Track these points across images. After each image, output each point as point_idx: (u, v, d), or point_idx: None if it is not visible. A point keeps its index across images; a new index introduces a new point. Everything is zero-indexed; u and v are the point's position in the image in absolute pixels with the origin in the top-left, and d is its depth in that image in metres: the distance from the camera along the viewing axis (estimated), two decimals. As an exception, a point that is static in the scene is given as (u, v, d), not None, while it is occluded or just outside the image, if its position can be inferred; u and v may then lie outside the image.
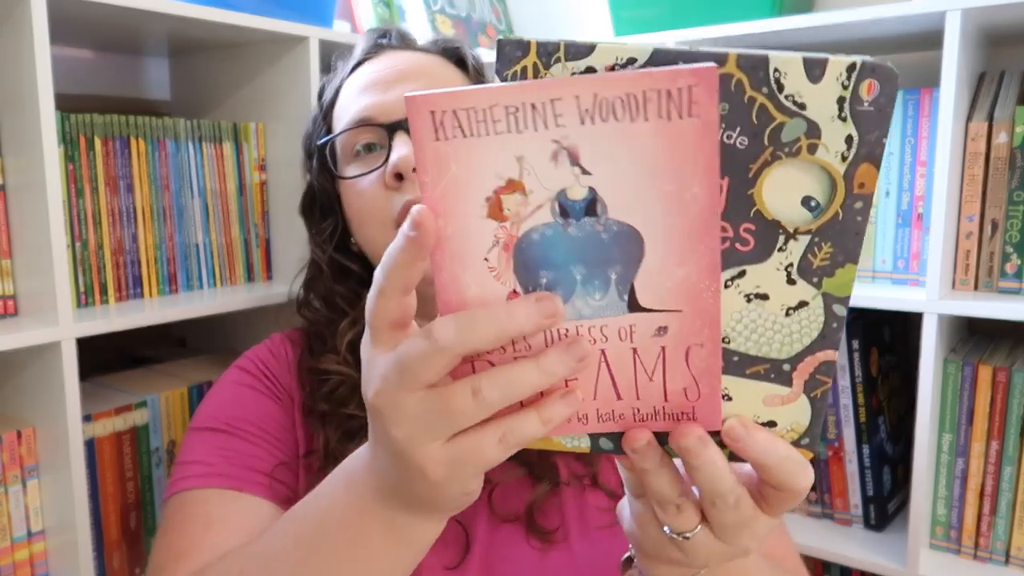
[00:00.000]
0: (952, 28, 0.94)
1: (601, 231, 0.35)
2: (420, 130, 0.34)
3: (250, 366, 0.77)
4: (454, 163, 0.34)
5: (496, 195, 0.35)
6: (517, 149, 0.34)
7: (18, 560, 0.84)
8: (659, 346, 0.37)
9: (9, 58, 0.80)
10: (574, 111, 0.33)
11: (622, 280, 0.36)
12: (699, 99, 0.32)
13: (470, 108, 0.33)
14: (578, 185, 0.34)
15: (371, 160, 0.73)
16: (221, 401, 0.74)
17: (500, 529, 0.68)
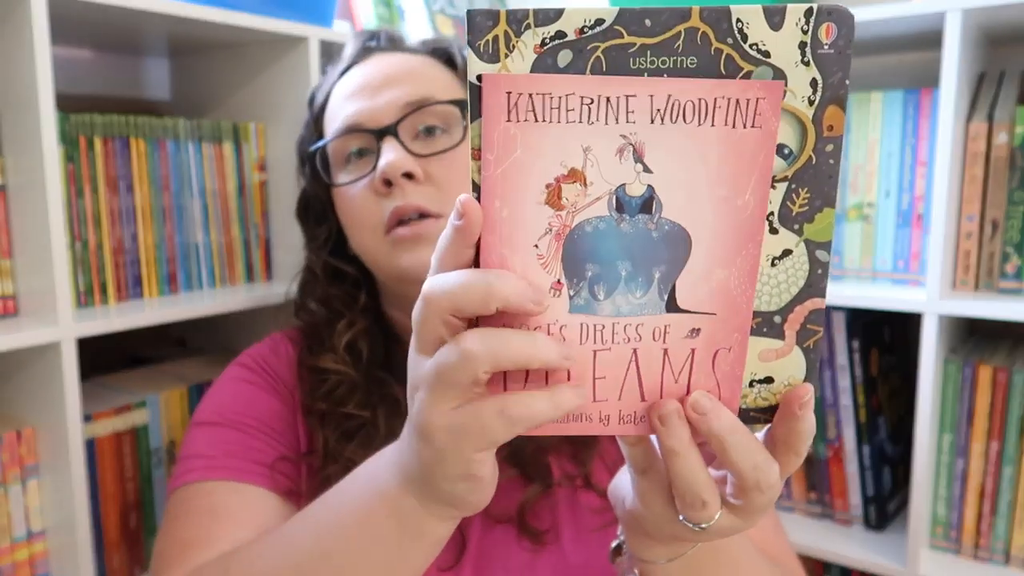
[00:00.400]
0: (952, 28, 0.94)
1: (652, 230, 0.36)
2: (493, 108, 0.34)
3: (251, 363, 0.78)
4: (521, 146, 0.35)
5: (557, 183, 0.35)
6: (585, 140, 0.35)
7: (18, 560, 0.84)
8: (690, 348, 0.38)
9: (9, 58, 0.80)
10: (647, 109, 0.34)
11: (665, 280, 0.37)
12: (764, 111, 0.34)
13: (547, 93, 0.34)
14: (638, 182, 0.35)
15: (361, 166, 0.73)
16: (222, 397, 0.75)
17: (493, 530, 0.68)
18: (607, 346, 0.38)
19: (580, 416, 0.39)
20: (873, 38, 1.12)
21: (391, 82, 0.73)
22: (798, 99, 0.35)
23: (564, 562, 0.67)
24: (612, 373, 0.38)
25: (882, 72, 1.25)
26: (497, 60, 0.34)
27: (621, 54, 0.34)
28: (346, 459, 0.70)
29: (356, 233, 0.74)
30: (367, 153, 0.73)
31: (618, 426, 0.39)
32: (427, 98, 0.71)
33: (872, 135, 1.10)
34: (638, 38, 0.34)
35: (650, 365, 0.38)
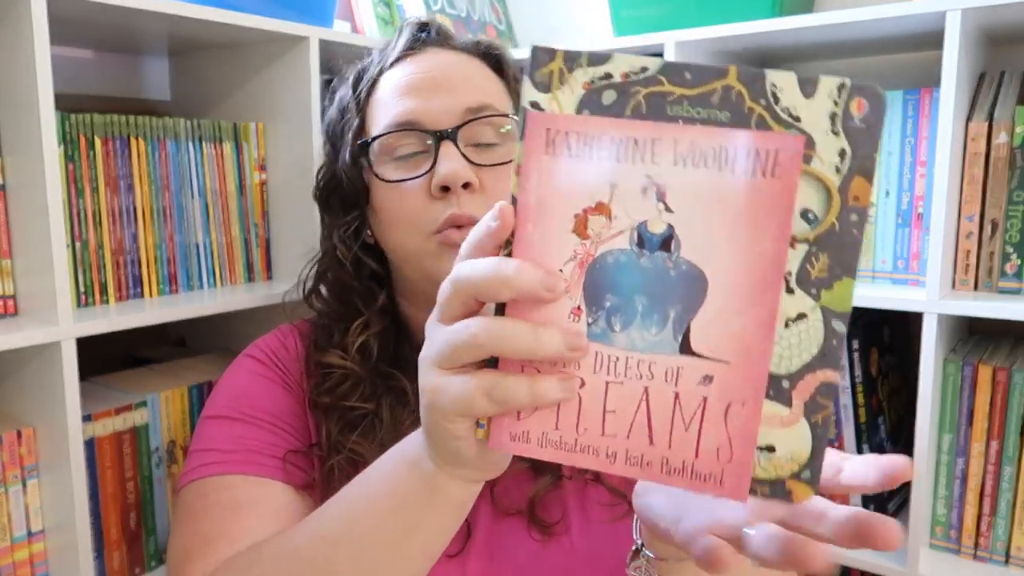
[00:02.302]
0: (952, 28, 0.94)
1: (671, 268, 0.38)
2: (533, 141, 0.38)
3: (261, 355, 0.78)
4: (555, 177, 0.38)
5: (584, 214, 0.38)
6: (613, 176, 0.38)
7: (18, 560, 0.84)
8: (701, 396, 0.38)
9: (9, 58, 0.80)
10: (671, 153, 0.37)
11: (680, 320, 0.38)
12: (784, 163, 0.36)
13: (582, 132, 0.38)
14: (659, 220, 0.38)
15: (412, 165, 0.71)
16: (234, 390, 0.75)
17: (502, 521, 0.69)
18: (619, 379, 0.39)
19: (587, 448, 0.39)
20: (873, 38, 1.12)
21: (449, 84, 0.72)
22: (825, 165, 0.36)
23: (572, 553, 0.68)
24: (623, 408, 0.39)
25: (882, 72, 1.25)
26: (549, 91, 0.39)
27: (660, 100, 0.37)
28: (349, 450, 0.70)
29: (398, 230, 0.72)
30: (418, 153, 0.71)
31: (624, 466, 0.39)
32: (486, 107, 0.71)
33: (872, 135, 1.10)
34: (677, 88, 0.37)
35: (661, 407, 0.39)
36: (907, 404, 1.22)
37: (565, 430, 0.40)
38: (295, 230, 1.10)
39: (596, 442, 0.39)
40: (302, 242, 1.09)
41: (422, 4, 1.35)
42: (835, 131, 0.36)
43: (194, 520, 0.66)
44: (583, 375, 0.39)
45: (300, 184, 1.08)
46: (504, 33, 1.53)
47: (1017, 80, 1.03)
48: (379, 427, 0.71)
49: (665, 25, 1.16)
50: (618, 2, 1.27)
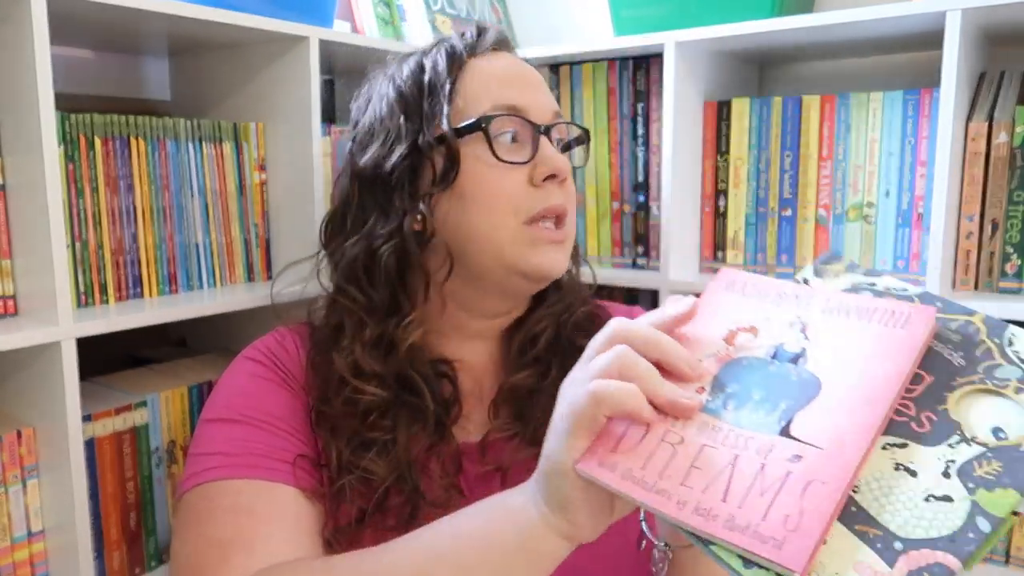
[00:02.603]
0: (952, 28, 0.94)
1: (792, 374, 0.45)
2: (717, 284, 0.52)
3: (260, 356, 0.76)
4: (724, 304, 0.51)
5: (737, 330, 0.49)
6: (768, 312, 0.49)
7: (18, 560, 0.84)
8: (786, 470, 0.41)
9: (9, 58, 0.80)
10: (820, 306, 0.48)
11: (788, 411, 0.43)
12: (914, 322, 0.45)
13: (757, 285, 0.51)
14: (796, 344, 0.47)
15: (513, 150, 0.72)
16: (235, 392, 0.73)
17: None
18: (716, 445, 0.43)
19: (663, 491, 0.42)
20: (873, 38, 1.12)
21: (540, 85, 0.77)
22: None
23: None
24: (708, 468, 0.42)
25: (882, 72, 1.25)
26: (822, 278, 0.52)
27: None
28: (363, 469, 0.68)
29: (492, 212, 0.70)
30: (518, 139, 0.73)
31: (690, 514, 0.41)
32: (560, 113, 0.77)
33: (872, 135, 1.10)
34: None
35: (744, 474, 0.42)
36: (907, 404, 1.22)
37: (649, 471, 0.43)
38: (295, 230, 1.10)
39: (672, 488, 0.42)
40: (302, 242, 1.09)
41: (422, 4, 1.35)
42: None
43: (202, 525, 0.64)
44: (685, 434, 0.44)
45: (300, 184, 1.08)
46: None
47: (1017, 80, 1.03)
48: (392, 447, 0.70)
49: (665, 25, 1.16)
50: (618, 2, 1.27)
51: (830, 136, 1.13)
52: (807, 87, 1.32)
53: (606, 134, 1.30)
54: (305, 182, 1.07)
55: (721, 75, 1.26)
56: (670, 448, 0.43)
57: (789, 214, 1.17)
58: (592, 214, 1.33)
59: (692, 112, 1.20)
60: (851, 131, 1.11)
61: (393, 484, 0.69)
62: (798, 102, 1.14)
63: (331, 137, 1.14)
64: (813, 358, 0.45)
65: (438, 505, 0.68)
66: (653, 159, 1.26)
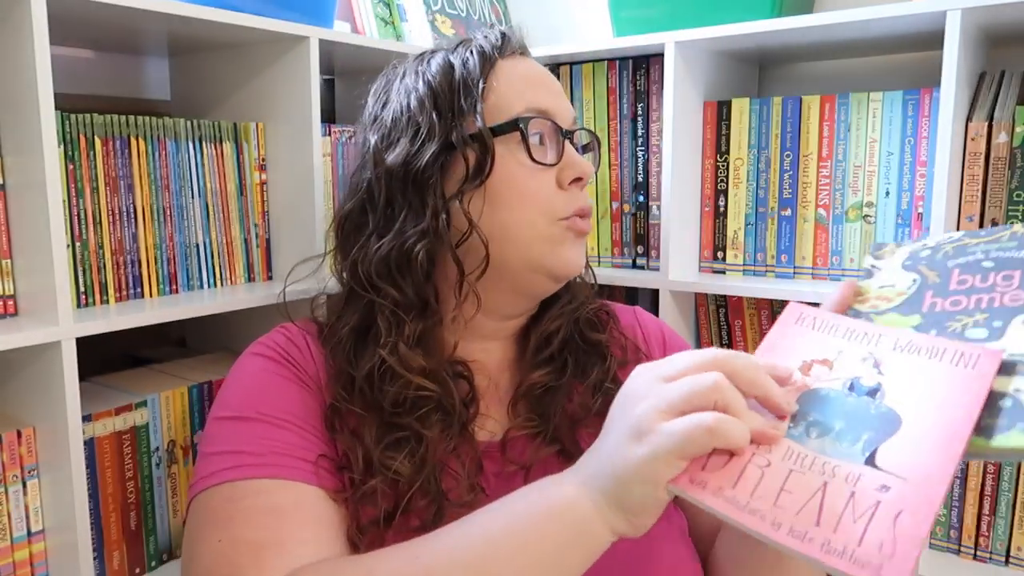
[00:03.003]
0: (952, 28, 0.94)
1: (871, 407, 0.47)
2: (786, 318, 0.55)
3: (271, 352, 0.74)
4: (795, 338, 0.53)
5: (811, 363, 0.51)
6: (840, 347, 0.51)
7: (18, 560, 0.84)
8: (876, 500, 0.42)
9: (9, 58, 0.80)
10: (891, 344, 0.50)
11: (871, 442, 0.45)
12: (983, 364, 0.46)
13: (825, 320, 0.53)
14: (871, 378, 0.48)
15: (541, 152, 0.74)
16: (248, 389, 0.71)
17: None
18: (803, 471, 0.45)
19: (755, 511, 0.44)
20: (873, 38, 1.12)
21: (560, 91, 0.78)
22: None
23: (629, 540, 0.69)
24: (799, 492, 0.44)
25: (882, 72, 1.25)
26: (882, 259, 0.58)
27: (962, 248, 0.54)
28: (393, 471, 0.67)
29: (525, 211, 0.72)
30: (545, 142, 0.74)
31: (785, 535, 0.43)
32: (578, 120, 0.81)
33: (872, 135, 1.10)
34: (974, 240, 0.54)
35: (835, 500, 0.43)
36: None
37: (740, 491, 0.44)
38: (295, 230, 1.10)
39: (765, 508, 0.44)
40: (302, 242, 1.09)
41: (422, 4, 1.35)
42: None
43: (230, 526, 0.61)
44: (772, 458, 0.46)
45: (300, 184, 1.08)
46: (504, 33, 1.53)
47: (1017, 80, 1.03)
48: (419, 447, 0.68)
49: (665, 25, 1.16)
50: (618, 2, 1.27)
51: (830, 136, 1.13)
52: (807, 87, 1.32)
53: (606, 134, 1.30)
54: (305, 182, 1.08)
55: (721, 75, 1.26)
56: (758, 471, 0.45)
57: (789, 214, 1.17)
58: (592, 214, 1.33)
59: (692, 112, 1.20)
60: (851, 131, 1.11)
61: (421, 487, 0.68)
62: (798, 102, 1.14)
63: (331, 137, 1.14)
64: (889, 393, 0.47)
65: (462, 505, 0.67)
66: (653, 159, 1.26)
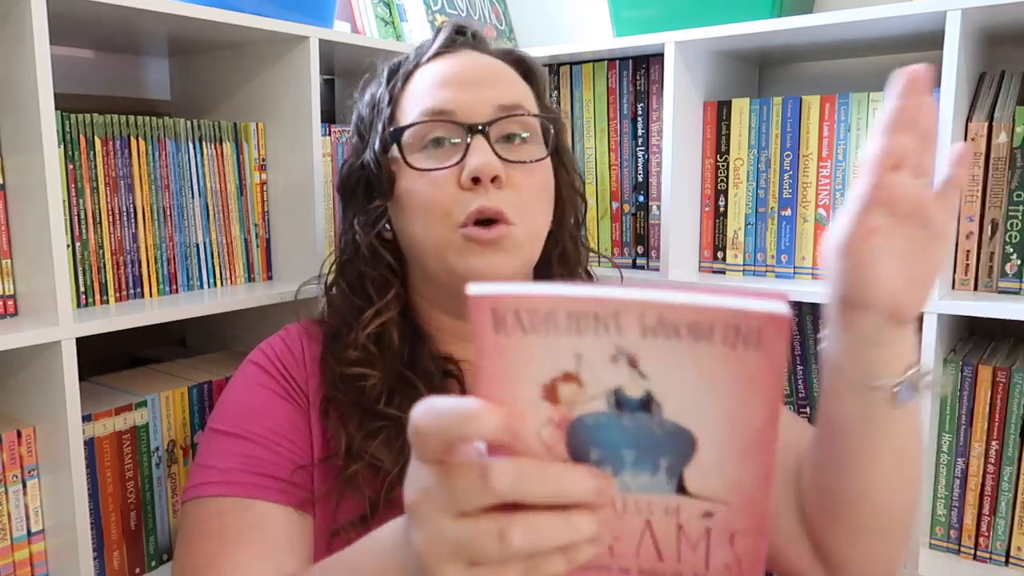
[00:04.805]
0: (952, 28, 0.94)
1: (655, 427, 0.36)
2: (481, 323, 0.35)
3: (266, 363, 0.77)
4: (513, 354, 0.35)
5: (552, 383, 0.36)
6: (576, 348, 0.35)
7: (18, 560, 0.84)
8: (704, 527, 0.38)
9: (9, 58, 0.80)
10: (636, 326, 0.34)
11: (672, 468, 0.37)
12: (768, 336, 0.32)
13: (532, 310, 0.34)
14: (635, 386, 0.35)
15: (441, 155, 0.72)
16: (238, 403, 0.75)
17: None
18: (618, 515, 0.38)
19: (600, 567, 0.39)
20: (873, 38, 1.12)
21: (485, 81, 0.74)
22: None
23: None
24: (627, 536, 0.39)
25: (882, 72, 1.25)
26: None
27: None
28: (371, 456, 0.70)
29: (425, 221, 0.72)
30: (446, 143, 0.72)
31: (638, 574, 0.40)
32: (519, 106, 0.73)
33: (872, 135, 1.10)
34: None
35: (665, 534, 0.38)
36: (907, 404, 1.22)
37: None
38: (295, 230, 1.10)
39: (607, 560, 0.39)
40: (302, 242, 1.09)
41: (422, 4, 1.35)
42: None
43: (189, 548, 0.68)
44: None
45: (300, 184, 1.08)
46: (504, 33, 1.53)
47: (1017, 80, 1.03)
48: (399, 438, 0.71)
49: (665, 25, 1.16)
50: (618, 2, 1.27)
51: (830, 136, 1.13)
52: (807, 87, 1.32)
53: (606, 134, 1.30)
54: (305, 182, 1.08)
55: (721, 75, 1.26)
56: None
57: (789, 214, 1.17)
58: (592, 214, 1.33)
59: (692, 112, 1.20)
60: (851, 131, 1.11)
61: (399, 474, 0.69)
62: (798, 102, 1.14)
63: (331, 137, 1.14)
64: (666, 403, 0.35)
65: None
66: (653, 159, 1.26)
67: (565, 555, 0.36)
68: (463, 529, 0.36)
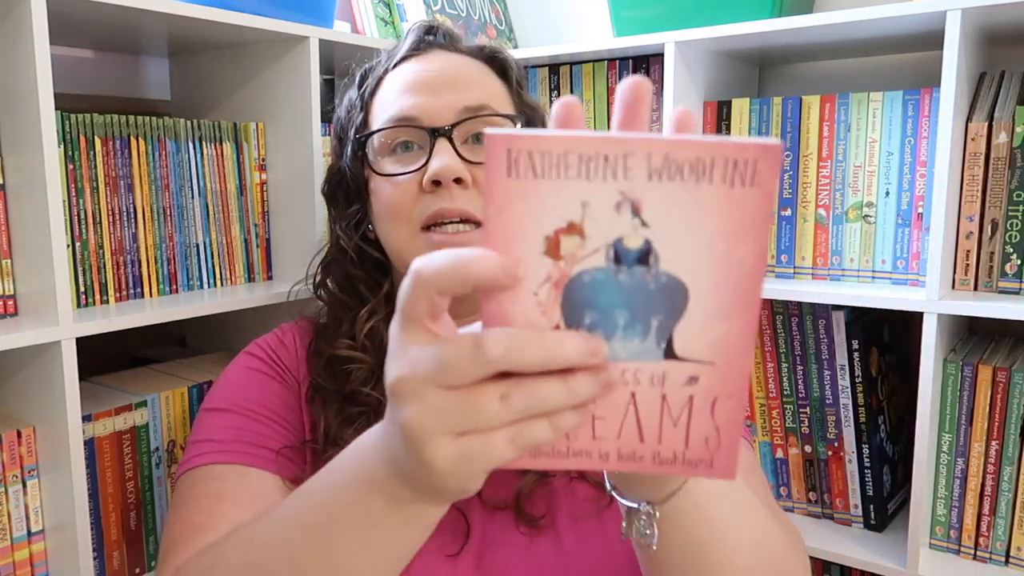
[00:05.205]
0: (952, 28, 0.94)
1: (650, 281, 0.37)
2: (494, 165, 0.35)
3: (259, 352, 0.80)
4: (521, 201, 0.36)
5: (556, 235, 0.36)
6: (583, 195, 0.36)
7: (18, 560, 0.84)
8: (688, 395, 0.38)
9: (9, 58, 0.80)
10: (644, 167, 0.35)
11: (662, 329, 0.38)
12: (762, 171, 0.35)
13: (546, 151, 0.35)
14: (636, 235, 0.36)
15: (408, 159, 0.73)
16: (232, 385, 0.77)
17: (493, 517, 0.70)
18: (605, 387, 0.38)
19: (580, 452, 0.40)
20: (873, 38, 1.12)
21: (451, 83, 0.74)
22: None
23: (560, 546, 0.69)
24: (611, 414, 0.39)
25: (882, 72, 1.25)
26: None
27: None
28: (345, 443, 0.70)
29: (391, 224, 0.74)
30: (413, 148, 0.73)
31: (617, 462, 0.40)
32: (485, 106, 0.73)
33: (872, 135, 1.10)
34: None
35: (648, 409, 0.39)
36: (907, 404, 1.22)
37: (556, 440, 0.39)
38: (295, 230, 1.10)
39: (587, 446, 0.39)
40: (302, 242, 1.09)
41: (422, 4, 1.35)
42: None
43: (182, 509, 0.68)
44: None
45: (300, 184, 1.08)
46: (504, 33, 1.53)
47: (1017, 80, 1.03)
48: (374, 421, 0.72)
49: (665, 25, 1.16)
50: (618, 2, 1.27)
51: (830, 136, 1.13)
52: (807, 87, 1.32)
53: (606, 134, 1.30)
54: (305, 182, 1.08)
55: (721, 75, 1.26)
56: None
57: (789, 214, 1.17)
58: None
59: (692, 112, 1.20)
60: (851, 131, 1.11)
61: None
62: (798, 102, 1.14)
63: (331, 137, 1.14)
64: (663, 252, 0.36)
65: None
66: (653, 159, 1.26)
67: (551, 422, 0.37)
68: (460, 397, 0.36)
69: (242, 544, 0.55)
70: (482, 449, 0.37)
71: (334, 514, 0.47)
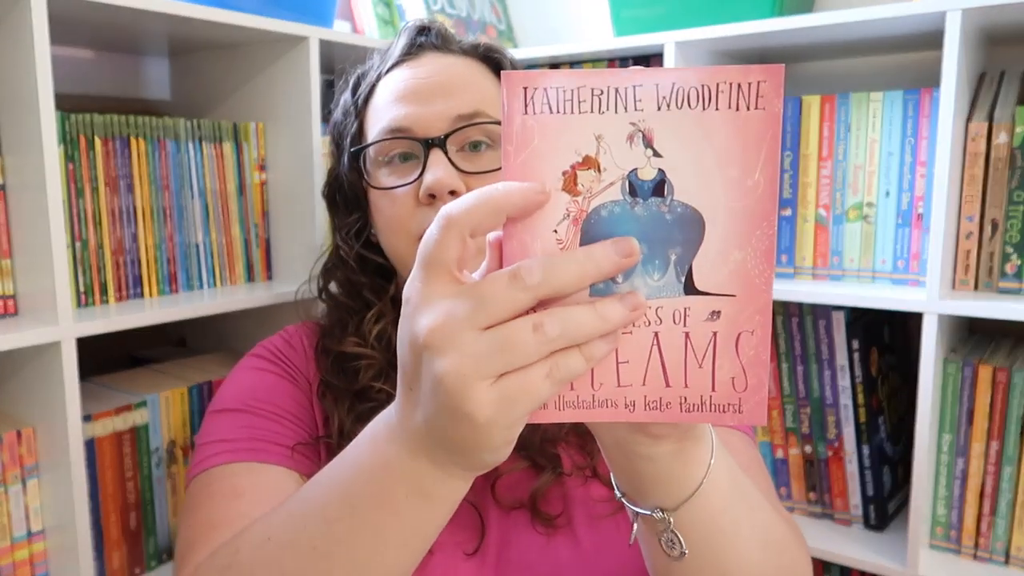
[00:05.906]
0: (952, 28, 0.94)
1: (666, 212, 0.38)
2: (512, 104, 0.37)
3: (265, 353, 0.79)
4: (538, 137, 0.37)
5: (573, 170, 0.38)
6: (597, 128, 0.37)
7: (18, 560, 0.84)
8: (711, 331, 0.39)
9: (9, 58, 0.80)
10: (653, 97, 0.37)
11: (681, 262, 0.38)
12: (766, 93, 0.36)
13: (560, 87, 0.37)
14: (649, 166, 0.37)
15: (404, 170, 0.73)
16: (240, 385, 0.76)
17: (508, 516, 0.70)
18: (628, 329, 0.39)
19: (606, 402, 0.40)
20: (873, 38, 1.12)
21: (443, 90, 0.73)
22: None
23: (577, 546, 0.68)
24: (635, 357, 0.39)
25: (882, 72, 1.25)
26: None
27: None
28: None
29: (390, 235, 0.75)
30: (411, 158, 0.73)
31: (644, 412, 0.40)
32: (478, 113, 0.72)
33: (872, 135, 1.10)
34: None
35: (672, 349, 0.39)
36: (907, 404, 1.22)
37: (581, 389, 0.39)
38: (295, 230, 1.10)
39: (613, 395, 0.40)
40: (302, 242, 1.09)
41: (422, 4, 1.35)
42: None
43: (199, 509, 0.66)
44: None
45: (300, 184, 1.08)
46: (504, 33, 1.53)
47: (1017, 80, 1.03)
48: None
49: (665, 25, 1.16)
50: (618, 2, 1.27)
51: (830, 136, 1.13)
52: (807, 87, 1.32)
53: (606, 134, 1.30)
54: (305, 182, 1.08)
55: (721, 75, 1.26)
56: None
57: (789, 214, 1.17)
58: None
59: (692, 112, 1.20)
60: (851, 131, 1.11)
61: None
62: (798, 102, 1.14)
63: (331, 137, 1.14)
64: (676, 182, 0.37)
65: None
66: (653, 159, 1.26)
67: (583, 351, 0.37)
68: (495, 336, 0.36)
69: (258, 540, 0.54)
70: (521, 386, 0.37)
71: (357, 507, 0.46)
